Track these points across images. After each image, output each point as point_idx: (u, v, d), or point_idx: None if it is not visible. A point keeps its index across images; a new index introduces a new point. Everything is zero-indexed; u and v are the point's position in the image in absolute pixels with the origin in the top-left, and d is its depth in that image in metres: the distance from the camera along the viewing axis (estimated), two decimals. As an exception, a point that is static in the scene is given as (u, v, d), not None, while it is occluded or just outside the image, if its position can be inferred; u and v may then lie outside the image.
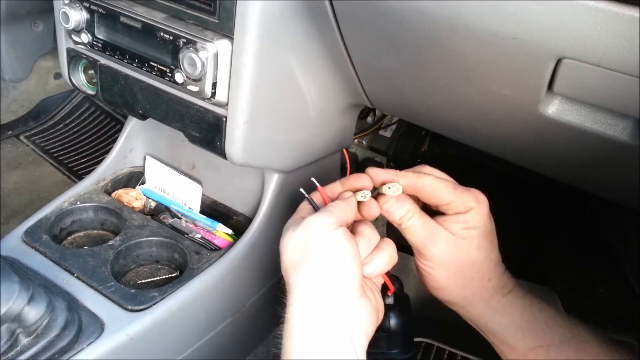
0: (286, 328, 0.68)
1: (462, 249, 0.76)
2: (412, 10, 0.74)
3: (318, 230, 0.69)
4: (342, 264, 0.68)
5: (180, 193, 1.16)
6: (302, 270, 0.69)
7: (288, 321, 0.69)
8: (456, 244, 0.76)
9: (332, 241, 0.69)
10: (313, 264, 0.69)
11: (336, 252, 0.68)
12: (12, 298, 0.75)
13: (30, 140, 1.78)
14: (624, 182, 0.83)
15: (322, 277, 0.68)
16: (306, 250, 0.69)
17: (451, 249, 0.75)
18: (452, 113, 0.92)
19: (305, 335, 0.67)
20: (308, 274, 0.69)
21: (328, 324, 0.67)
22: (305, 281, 0.69)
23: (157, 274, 1.03)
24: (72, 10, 0.96)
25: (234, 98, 0.88)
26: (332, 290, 0.68)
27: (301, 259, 0.69)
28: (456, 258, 0.76)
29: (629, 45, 0.61)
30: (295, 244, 0.71)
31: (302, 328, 0.67)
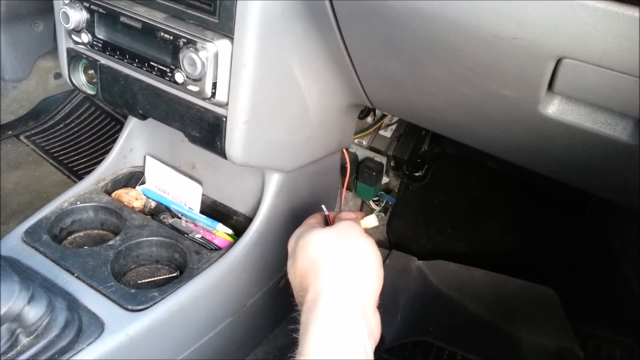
0: (312, 315, 0.68)
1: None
2: (412, 11, 0.74)
3: (354, 233, 0.74)
4: (374, 267, 0.72)
5: (180, 193, 1.16)
6: (335, 259, 0.71)
7: (316, 307, 0.68)
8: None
9: (368, 245, 0.73)
10: (347, 257, 0.72)
11: (370, 256, 0.72)
12: (12, 298, 0.75)
13: (30, 140, 1.78)
14: (624, 182, 0.83)
15: (355, 272, 0.71)
16: (341, 246, 0.73)
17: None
18: (452, 113, 0.92)
19: (332, 322, 0.67)
20: (341, 265, 0.71)
21: (353, 316, 0.68)
22: (338, 271, 0.71)
23: (157, 274, 1.03)
24: (72, 10, 0.96)
25: (234, 98, 0.88)
26: (362, 286, 0.70)
27: (334, 250, 0.72)
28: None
29: (629, 45, 0.61)
30: (328, 238, 0.74)
31: (330, 314, 0.68)
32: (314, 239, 0.75)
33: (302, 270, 0.74)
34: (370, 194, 1.50)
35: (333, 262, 0.72)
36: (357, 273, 0.71)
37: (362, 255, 0.72)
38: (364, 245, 0.73)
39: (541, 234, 1.48)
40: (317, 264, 0.72)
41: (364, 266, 0.72)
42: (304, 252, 0.74)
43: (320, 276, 0.71)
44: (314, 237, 0.75)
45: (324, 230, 0.76)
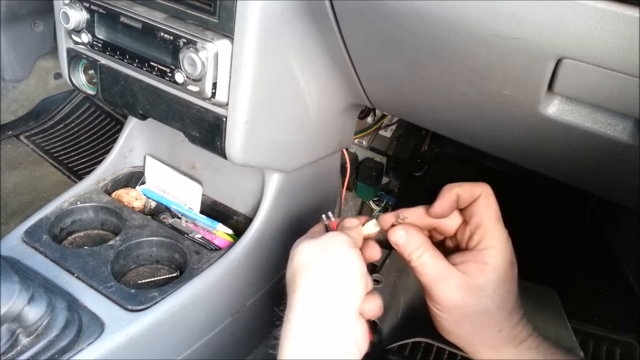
0: (286, 328, 0.68)
1: (473, 296, 0.70)
2: (412, 11, 0.74)
3: (337, 244, 0.70)
4: (352, 278, 0.69)
5: (180, 193, 1.16)
6: (312, 272, 0.69)
7: (289, 320, 0.68)
8: (468, 290, 0.69)
9: (347, 256, 0.69)
10: (324, 269, 0.69)
11: (349, 267, 0.69)
12: (13, 298, 0.75)
13: (30, 140, 1.78)
14: (624, 182, 0.83)
15: (330, 283, 0.68)
16: (321, 257, 0.70)
17: (462, 295, 0.69)
18: (452, 113, 0.92)
19: (305, 335, 0.67)
20: (317, 277, 0.69)
21: (328, 328, 0.67)
22: (313, 283, 0.69)
23: (157, 274, 1.03)
24: (72, 10, 0.96)
25: (234, 98, 0.88)
26: (338, 298, 0.68)
27: (313, 262, 0.70)
28: (465, 305, 0.70)
29: (629, 45, 0.61)
30: (311, 250, 0.71)
31: (302, 327, 0.68)
32: (299, 250, 0.72)
33: (287, 281, 0.73)
34: (370, 194, 1.50)
35: (310, 274, 0.70)
36: (333, 285, 0.68)
37: (341, 267, 0.69)
38: (343, 257, 0.70)
39: (541, 234, 1.48)
40: (297, 276, 0.71)
41: (342, 277, 0.69)
42: (291, 263, 0.72)
43: (297, 289, 0.70)
44: (300, 248, 0.72)
45: (310, 241, 0.73)
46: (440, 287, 0.70)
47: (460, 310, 0.70)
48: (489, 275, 0.69)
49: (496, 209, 0.73)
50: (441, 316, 0.71)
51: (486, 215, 0.72)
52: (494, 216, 0.72)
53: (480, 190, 0.74)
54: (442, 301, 0.70)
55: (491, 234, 0.71)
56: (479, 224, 0.72)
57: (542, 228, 1.49)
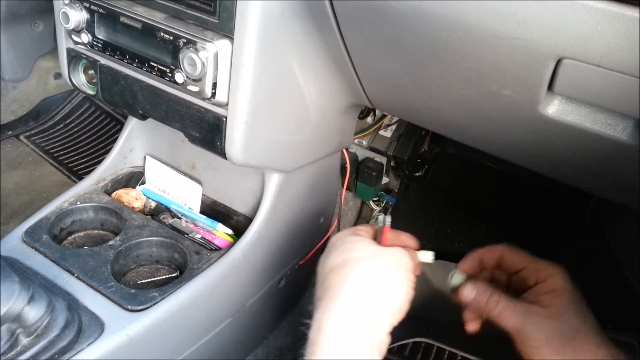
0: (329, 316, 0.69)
1: (562, 322, 0.71)
2: (412, 11, 0.74)
3: (402, 263, 0.73)
4: (401, 301, 0.72)
5: (180, 193, 1.16)
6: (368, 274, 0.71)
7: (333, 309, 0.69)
8: (555, 317, 0.71)
9: (405, 279, 0.72)
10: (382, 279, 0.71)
11: (403, 290, 0.72)
12: (12, 298, 0.75)
13: (30, 140, 1.78)
14: (624, 182, 0.83)
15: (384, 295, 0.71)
16: (381, 264, 0.72)
17: (552, 324, 0.71)
18: (452, 113, 0.92)
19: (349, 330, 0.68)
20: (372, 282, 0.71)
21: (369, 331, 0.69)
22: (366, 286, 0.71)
23: (157, 274, 1.03)
24: (72, 10, 0.96)
25: (234, 98, 0.88)
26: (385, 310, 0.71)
27: (371, 266, 0.72)
28: (559, 332, 0.71)
29: (629, 45, 0.61)
30: (370, 252, 0.73)
31: (348, 321, 0.68)
32: (356, 245, 0.74)
33: (328, 266, 0.74)
34: (370, 194, 1.50)
35: (366, 276, 0.71)
36: (386, 297, 0.71)
37: (397, 285, 0.71)
38: (402, 278, 0.72)
39: (541, 234, 1.48)
40: (348, 269, 0.72)
41: (395, 295, 0.71)
42: (339, 252, 0.74)
43: (347, 281, 0.71)
44: (356, 244, 0.74)
45: (369, 243, 0.75)
46: (529, 323, 0.71)
47: (557, 338, 0.71)
48: (565, 297, 0.72)
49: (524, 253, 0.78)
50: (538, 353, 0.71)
51: (522, 256, 0.76)
52: (524, 254, 0.76)
53: (499, 247, 0.78)
54: (537, 335, 0.71)
55: (541, 265, 0.75)
56: (524, 265, 0.76)
57: (542, 228, 1.49)
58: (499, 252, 0.78)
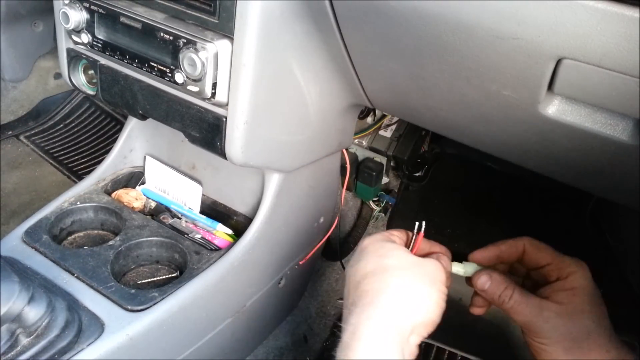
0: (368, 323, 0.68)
1: (574, 321, 0.71)
2: (412, 11, 0.74)
3: (439, 276, 0.72)
4: (436, 315, 0.71)
5: (180, 193, 1.16)
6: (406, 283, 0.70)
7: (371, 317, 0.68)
8: (568, 316, 0.71)
9: (441, 294, 0.71)
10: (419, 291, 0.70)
11: (438, 303, 0.71)
12: (12, 298, 0.75)
13: (30, 140, 1.78)
14: (624, 182, 0.83)
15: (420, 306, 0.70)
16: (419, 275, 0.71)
17: (564, 322, 0.71)
18: (452, 113, 0.92)
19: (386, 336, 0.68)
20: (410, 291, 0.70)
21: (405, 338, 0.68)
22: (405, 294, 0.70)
23: (157, 274, 1.03)
24: (72, 10, 0.96)
25: (234, 98, 0.88)
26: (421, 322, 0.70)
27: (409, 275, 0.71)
28: (570, 332, 0.71)
29: (629, 46, 0.61)
30: (408, 261, 0.72)
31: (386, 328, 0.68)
32: (392, 253, 0.73)
33: (366, 273, 0.72)
34: (370, 194, 1.50)
35: (403, 284, 0.70)
36: (422, 309, 0.70)
37: (432, 299, 0.71)
38: (438, 292, 0.71)
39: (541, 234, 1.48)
40: (386, 276, 0.71)
41: (431, 308, 0.71)
42: (378, 260, 0.72)
43: (386, 289, 0.70)
44: (393, 251, 0.73)
45: (405, 253, 0.73)
46: (541, 320, 0.71)
47: (567, 338, 0.70)
48: (583, 297, 0.71)
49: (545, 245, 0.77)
50: (548, 350, 0.71)
51: (547, 252, 0.75)
52: (549, 249, 0.75)
53: (522, 241, 0.78)
54: (547, 333, 0.70)
55: (566, 262, 0.74)
56: (548, 262, 0.75)
57: (542, 228, 1.49)
58: (522, 247, 0.77)
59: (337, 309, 1.47)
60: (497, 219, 1.51)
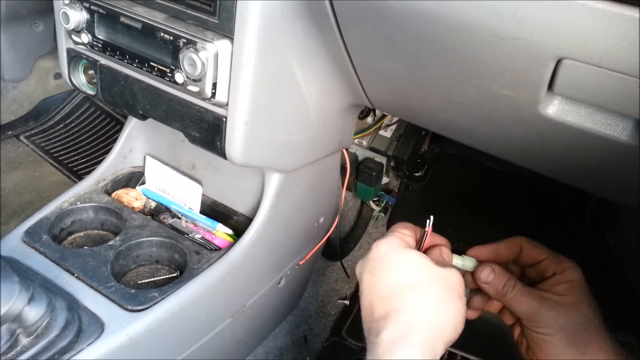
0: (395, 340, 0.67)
1: (575, 311, 0.72)
2: (412, 11, 0.74)
3: (460, 286, 0.72)
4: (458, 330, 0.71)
5: (180, 193, 1.16)
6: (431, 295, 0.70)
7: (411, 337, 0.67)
8: (569, 307, 0.72)
9: (462, 308, 0.71)
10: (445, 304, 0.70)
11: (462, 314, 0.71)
12: (12, 298, 0.75)
13: (30, 140, 1.78)
14: (624, 182, 0.83)
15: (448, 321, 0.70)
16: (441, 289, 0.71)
17: (565, 312, 0.72)
18: (452, 113, 0.92)
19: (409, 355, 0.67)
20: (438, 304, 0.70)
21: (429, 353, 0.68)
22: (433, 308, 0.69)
23: (157, 274, 1.03)
24: (72, 10, 0.96)
25: (234, 98, 0.88)
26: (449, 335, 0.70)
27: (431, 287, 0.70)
28: (571, 321, 0.72)
29: (629, 46, 0.61)
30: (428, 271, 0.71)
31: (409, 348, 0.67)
32: (409, 259, 0.72)
33: (392, 287, 0.71)
34: (370, 194, 1.50)
35: (429, 297, 0.70)
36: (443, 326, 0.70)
37: (454, 316, 0.70)
38: (461, 309, 0.71)
39: (541, 234, 1.48)
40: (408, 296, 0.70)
41: (457, 321, 0.70)
42: (403, 274, 0.71)
43: (416, 306, 0.69)
44: (410, 258, 0.72)
45: (423, 258, 0.72)
46: (544, 309, 0.71)
47: (569, 327, 0.71)
48: (580, 289, 0.73)
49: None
50: (550, 340, 0.72)
51: (543, 248, 0.77)
52: (547, 248, 0.77)
53: (519, 239, 0.79)
54: (549, 323, 0.71)
55: (561, 257, 0.75)
56: (545, 257, 0.76)
57: (542, 228, 1.49)
58: (519, 245, 0.78)
59: (337, 309, 1.47)
60: (497, 219, 1.51)
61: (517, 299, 0.73)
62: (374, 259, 0.74)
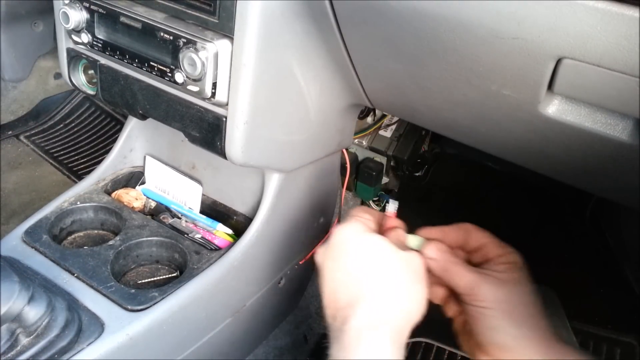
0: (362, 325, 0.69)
1: (513, 292, 0.74)
2: (412, 11, 0.74)
3: (421, 269, 0.74)
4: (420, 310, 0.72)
5: (180, 193, 1.16)
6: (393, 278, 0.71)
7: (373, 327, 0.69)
8: (508, 283, 0.74)
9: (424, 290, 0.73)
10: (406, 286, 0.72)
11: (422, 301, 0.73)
12: (12, 298, 0.75)
13: (30, 140, 1.78)
14: (624, 182, 0.83)
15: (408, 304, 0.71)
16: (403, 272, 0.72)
17: (503, 291, 0.74)
18: (452, 113, 0.92)
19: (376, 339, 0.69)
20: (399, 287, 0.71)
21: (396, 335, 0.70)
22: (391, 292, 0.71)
23: (157, 274, 1.03)
24: (72, 10, 0.96)
25: (234, 98, 0.88)
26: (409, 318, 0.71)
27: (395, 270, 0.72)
28: (509, 297, 0.74)
29: (628, 45, 0.61)
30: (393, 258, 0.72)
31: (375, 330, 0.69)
32: (373, 245, 0.73)
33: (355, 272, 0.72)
34: (370, 194, 1.50)
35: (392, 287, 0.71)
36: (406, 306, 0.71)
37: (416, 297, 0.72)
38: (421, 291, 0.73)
39: (541, 234, 1.48)
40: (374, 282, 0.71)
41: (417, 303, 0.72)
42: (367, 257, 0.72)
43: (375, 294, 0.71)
44: (375, 244, 0.73)
45: (392, 248, 0.74)
46: (482, 284, 0.73)
47: (507, 301, 0.73)
48: (520, 271, 0.75)
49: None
50: (488, 314, 0.73)
51: (483, 235, 0.79)
52: (491, 235, 0.79)
53: (466, 225, 0.81)
54: (487, 295, 0.73)
55: (503, 244, 0.77)
56: (489, 240, 0.78)
57: (542, 228, 1.49)
58: (466, 229, 0.80)
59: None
60: (497, 219, 1.51)
61: (459, 273, 0.74)
62: (336, 245, 0.74)
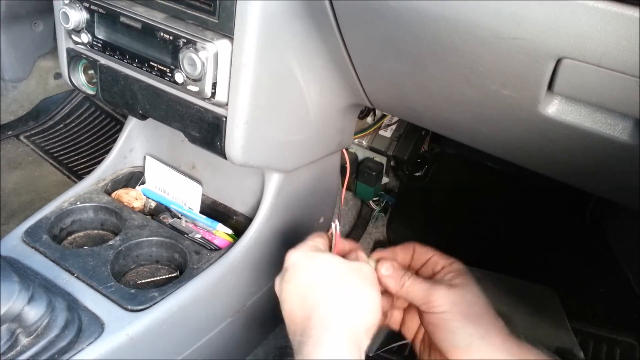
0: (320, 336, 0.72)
1: (466, 291, 0.77)
2: (412, 11, 0.74)
3: (371, 279, 0.77)
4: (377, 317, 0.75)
5: (180, 193, 1.16)
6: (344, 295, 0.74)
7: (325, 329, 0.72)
8: (459, 288, 0.77)
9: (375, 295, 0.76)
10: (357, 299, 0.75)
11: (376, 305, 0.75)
12: (12, 298, 0.75)
13: (30, 140, 1.78)
14: (624, 182, 0.83)
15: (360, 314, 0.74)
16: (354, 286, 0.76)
17: (457, 292, 0.77)
18: (452, 113, 0.92)
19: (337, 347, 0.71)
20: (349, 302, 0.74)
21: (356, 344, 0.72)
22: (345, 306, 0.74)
23: (157, 274, 1.03)
24: (72, 10, 0.96)
25: (234, 98, 0.88)
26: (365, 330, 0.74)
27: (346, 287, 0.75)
28: (463, 299, 0.77)
29: (628, 45, 0.61)
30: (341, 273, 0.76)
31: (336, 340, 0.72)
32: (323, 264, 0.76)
33: (309, 287, 0.75)
34: (370, 194, 1.50)
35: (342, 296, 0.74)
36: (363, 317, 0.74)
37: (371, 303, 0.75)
38: (374, 295, 0.76)
39: (541, 234, 1.48)
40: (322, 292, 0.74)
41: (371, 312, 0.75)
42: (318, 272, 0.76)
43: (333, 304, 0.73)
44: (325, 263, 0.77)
45: (337, 260, 0.77)
46: (435, 292, 0.77)
47: (460, 303, 0.76)
48: (467, 276, 0.79)
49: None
50: (446, 317, 0.76)
51: (428, 250, 0.84)
52: (434, 249, 0.84)
53: (412, 244, 0.85)
54: (441, 300, 0.76)
55: (446, 256, 0.82)
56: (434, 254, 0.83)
57: (542, 228, 1.49)
58: (412, 248, 0.84)
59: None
60: (497, 219, 1.51)
61: (413, 286, 0.78)
62: (289, 268, 0.78)
